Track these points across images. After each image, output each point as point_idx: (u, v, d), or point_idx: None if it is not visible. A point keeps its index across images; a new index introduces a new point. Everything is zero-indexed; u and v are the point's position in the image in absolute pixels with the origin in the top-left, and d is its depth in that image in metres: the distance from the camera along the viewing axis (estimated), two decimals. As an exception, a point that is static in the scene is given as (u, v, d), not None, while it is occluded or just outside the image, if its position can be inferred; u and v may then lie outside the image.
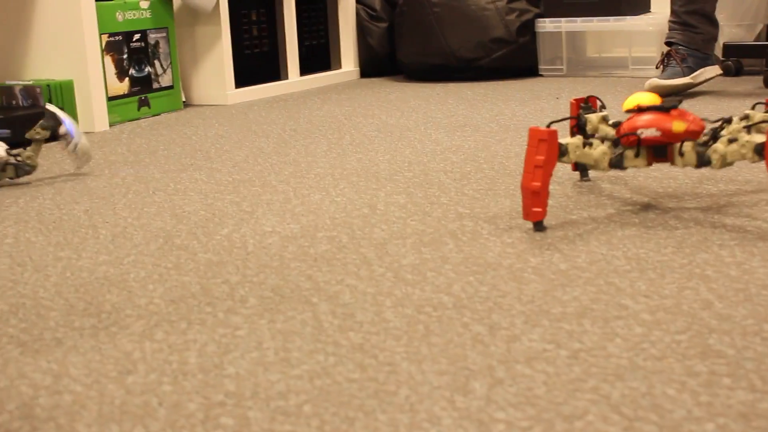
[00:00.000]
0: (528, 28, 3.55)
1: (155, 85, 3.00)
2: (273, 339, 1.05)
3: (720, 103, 2.67)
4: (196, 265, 1.35)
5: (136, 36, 2.91)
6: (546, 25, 3.54)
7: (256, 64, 3.43)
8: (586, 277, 1.20)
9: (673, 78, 2.80)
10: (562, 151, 1.45)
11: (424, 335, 1.04)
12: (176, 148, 2.35)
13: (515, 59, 3.55)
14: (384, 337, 1.04)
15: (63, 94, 2.69)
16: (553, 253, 1.31)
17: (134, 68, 2.91)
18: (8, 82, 2.76)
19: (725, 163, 1.43)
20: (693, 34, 2.82)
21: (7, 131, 2.04)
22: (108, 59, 2.81)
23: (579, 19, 3.49)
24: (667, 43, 2.87)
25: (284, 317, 1.12)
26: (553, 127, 1.40)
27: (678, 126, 1.45)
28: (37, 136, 2.03)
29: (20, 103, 2.72)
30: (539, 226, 1.45)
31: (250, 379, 0.94)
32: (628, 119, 1.50)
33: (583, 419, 0.82)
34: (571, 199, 1.61)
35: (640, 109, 1.50)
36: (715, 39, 2.87)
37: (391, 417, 0.84)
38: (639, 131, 1.47)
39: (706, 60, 2.85)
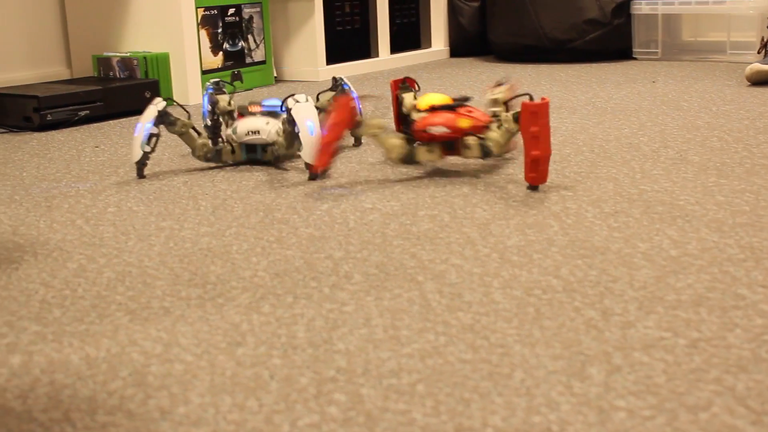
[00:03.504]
0: (623, 10, 3.48)
1: (248, 60, 3.01)
2: (381, 316, 1.04)
3: (825, 90, 2.58)
4: (298, 239, 1.34)
5: (231, 10, 2.92)
6: (642, 6, 3.46)
7: (347, 40, 3.42)
8: (699, 265, 1.17)
9: (776, 63, 2.72)
10: (358, 123, 1.64)
11: (535, 318, 1.01)
12: (270, 122, 2.35)
13: (609, 41, 3.49)
14: (494, 318, 1.02)
15: (159, 66, 2.72)
16: (662, 239, 1.28)
17: (228, 42, 2.92)
18: (106, 54, 2.80)
19: (501, 146, 1.63)
20: (799, 18, 2.73)
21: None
22: (203, 33, 2.83)
23: (676, 1, 3.41)
24: (771, 28, 2.79)
25: (391, 295, 1.10)
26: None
27: (463, 122, 1.65)
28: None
29: (117, 74, 2.76)
30: (313, 176, 1.68)
31: (360, 355, 0.94)
32: (422, 118, 1.68)
33: (708, 411, 0.79)
34: (677, 185, 1.57)
35: (433, 109, 1.69)
36: (821, 24, 2.78)
37: (508, 400, 0.83)
38: (430, 128, 1.66)
39: (811, 46, 2.76)
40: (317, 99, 1.99)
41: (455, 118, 1.66)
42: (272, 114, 1.86)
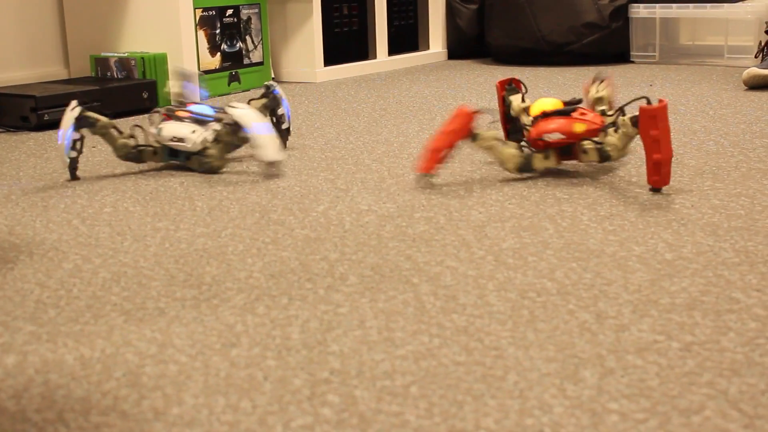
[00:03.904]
0: (621, 13, 3.48)
1: (246, 61, 3.01)
2: (375, 318, 1.04)
3: (822, 95, 2.59)
4: (293, 240, 1.34)
5: (229, 11, 2.92)
6: (640, 10, 3.47)
7: (345, 42, 3.42)
8: (694, 269, 1.17)
9: (773, 68, 2.72)
10: (473, 135, 1.62)
11: (530, 321, 1.02)
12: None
13: (607, 45, 3.49)
14: (488, 320, 1.02)
15: (156, 67, 2.72)
16: (657, 242, 1.28)
17: (226, 43, 2.93)
18: (104, 54, 2.80)
19: (620, 150, 1.61)
20: (796, 23, 2.74)
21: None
22: (201, 33, 2.83)
23: (674, 5, 3.41)
24: (768, 32, 2.80)
25: (385, 296, 1.11)
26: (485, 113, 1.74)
27: (579, 127, 1.62)
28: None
29: (115, 74, 2.76)
30: (421, 179, 1.65)
31: (354, 357, 0.94)
32: (536, 125, 1.65)
33: (701, 414, 0.80)
34: (672, 188, 1.57)
35: (545, 115, 1.66)
36: (818, 29, 2.78)
37: (501, 402, 0.83)
38: (545, 135, 1.63)
39: (808, 50, 2.76)
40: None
41: (570, 123, 1.63)
42: (199, 122, 1.83)
